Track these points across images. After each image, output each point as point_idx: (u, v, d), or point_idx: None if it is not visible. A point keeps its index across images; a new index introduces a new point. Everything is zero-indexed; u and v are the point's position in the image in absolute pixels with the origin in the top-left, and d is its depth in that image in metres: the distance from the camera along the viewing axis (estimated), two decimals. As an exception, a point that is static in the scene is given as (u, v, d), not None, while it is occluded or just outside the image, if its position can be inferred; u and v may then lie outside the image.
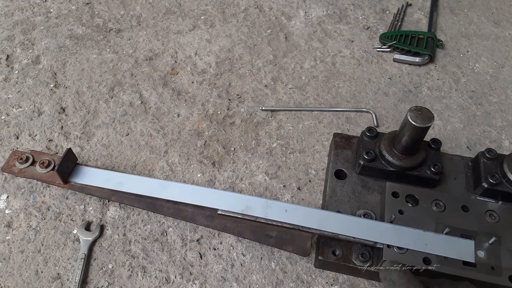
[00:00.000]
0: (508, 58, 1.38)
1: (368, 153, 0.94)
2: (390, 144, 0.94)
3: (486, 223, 0.85)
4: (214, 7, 1.52)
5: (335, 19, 1.49)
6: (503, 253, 0.81)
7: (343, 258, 0.86)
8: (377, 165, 0.94)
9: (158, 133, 1.15)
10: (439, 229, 0.84)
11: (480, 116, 1.21)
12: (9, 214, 0.99)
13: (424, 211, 0.87)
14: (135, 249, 0.95)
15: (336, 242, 0.87)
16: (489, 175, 0.90)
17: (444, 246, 0.81)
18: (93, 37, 1.40)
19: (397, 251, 0.81)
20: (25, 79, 1.27)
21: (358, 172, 0.97)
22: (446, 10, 1.54)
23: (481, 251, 0.82)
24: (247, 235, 0.88)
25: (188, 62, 1.34)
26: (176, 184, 0.94)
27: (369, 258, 0.85)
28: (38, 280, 0.90)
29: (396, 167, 0.93)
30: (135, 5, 1.52)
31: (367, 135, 0.97)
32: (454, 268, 0.79)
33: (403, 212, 0.87)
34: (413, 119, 0.83)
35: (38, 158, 0.99)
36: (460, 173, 0.98)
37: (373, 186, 0.96)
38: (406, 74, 1.32)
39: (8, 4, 1.50)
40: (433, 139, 0.97)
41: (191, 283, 0.90)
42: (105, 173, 0.97)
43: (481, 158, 0.94)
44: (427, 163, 0.93)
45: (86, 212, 1.00)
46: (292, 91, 1.26)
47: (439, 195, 0.89)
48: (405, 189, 0.90)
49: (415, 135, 0.86)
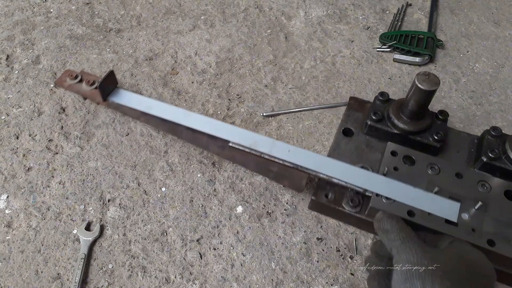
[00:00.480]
0: (508, 58, 1.38)
1: (375, 114, 0.99)
2: (398, 109, 0.98)
3: (476, 191, 0.88)
4: (214, 7, 1.52)
5: (335, 19, 1.49)
6: (486, 219, 0.84)
7: (334, 202, 0.91)
8: (383, 126, 0.98)
9: (158, 133, 1.15)
10: (429, 189, 0.88)
11: (480, 116, 1.21)
12: (9, 214, 0.99)
13: (418, 172, 0.91)
14: (135, 249, 0.95)
15: (331, 187, 0.93)
16: (489, 150, 0.93)
17: (430, 203, 0.86)
18: (93, 37, 1.40)
19: (384, 201, 0.86)
20: (25, 79, 1.27)
21: (365, 133, 1.02)
22: (446, 10, 1.54)
23: (466, 214, 0.85)
24: (251, 166, 0.97)
25: (188, 62, 1.34)
26: (197, 115, 1.04)
27: (358, 204, 0.90)
28: (38, 280, 0.90)
29: (400, 130, 0.97)
30: (135, 5, 1.52)
31: (379, 99, 1.02)
32: (436, 224, 0.84)
33: (398, 169, 0.91)
34: (420, 82, 0.88)
35: (85, 77, 1.14)
36: (464, 148, 1.01)
37: (377, 147, 1.00)
38: (406, 74, 1.32)
39: (8, 4, 1.50)
40: (440, 110, 1.00)
41: (191, 283, 0.90)
42: (139, 97, 1.10)
43: (486, 135, 0.97)
44: (431, 131, 0.97)
45: (86, 212, 1.00)
46: (292, 91, 1.26)
47: (436, 161, 0.93)
48: (405, 150, 0.94)
49: (421, 98, 0.90)
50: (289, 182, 0.95)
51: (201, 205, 1.02)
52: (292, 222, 0.99)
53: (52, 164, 1.08)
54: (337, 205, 0.91)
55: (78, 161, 1.09)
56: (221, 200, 1.03)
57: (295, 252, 0.95)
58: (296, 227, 0.99)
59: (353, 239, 0.97)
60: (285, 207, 1.02)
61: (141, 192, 1.04)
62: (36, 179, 1.05)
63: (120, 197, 1.03)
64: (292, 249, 0.95)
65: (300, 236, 0.97)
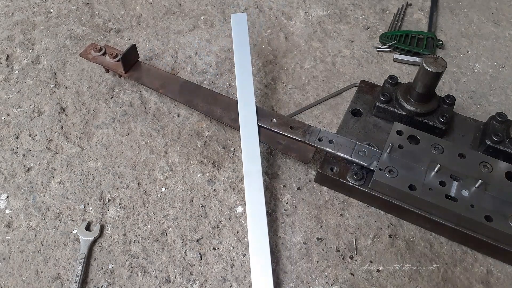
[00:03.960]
0: (508, 58, 1.38)
1: (384, 95, 1.02)
2: (406, 91, 1.02)
3: (478, 170, 0.92)
4: (214, 7, 1.52)
5: (335, 19, 1.49)
6: (486, 197, 0.88)
7: (339, 175, 0.96)
8: (391, 108, 1.03)
9: (158, 133, 1.15)
10: (432, 167, 0.91)
11: (480, 116, 1.21)
12: (9, 214, 0.99)
13: (422, 150, 0.95)
14: (135, 249, 0.95)
15: (336, 162, 0.98)
16: (493, 134, 0.96)
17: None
18: (93, 37, 1.40)
19: (387, 175, 0.90)
20: (25, 79, 1.27)
21: (373, 114, 1.06)
22: (446, 10, 1.54)
23: (465, 191, 0.89)
24: (262, 139, 1.04)
25: (188, 62, 1.34)
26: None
27: (361, 178, 0.94)
28: (38, 280, 0.90)
29: (407, 111, 1.00)
30: (135, 5, 1.52)
31: (388, 82, 1.06)
32: (436, 198, 0.87)
33: (402, 147, 0.95)
34: (427, 64, 0.91)
35: (109, 51, 1.21)
36: (469, 133, 1.04)
37: (384, 127, 1.05)
38: (406, 74, 1.32)
39: (8, 4, 1.50)
40: (447, 95, 1.03)
41: (191, 283, 0.90)
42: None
43: (491, 120, 1.00)
44: (437, 114, 1.00)
45: (86, 212, 1.00)
46: (292, 91, 1.26)
47: (440, 141, 0.96)
48: (410, 130, 0.98)
49: (428, 80, 0.93)
50: (297, 154, 1.01)
51: (201, 205, 1.02)
52: (292, 222, 0.99)
53: (52, 164, 1.08)
54: (342, 178, 0.95)
55: (78, 161, 1.09)
56: (221, 200, 1.03)
57: (295, 252, 0.95)
58: (296, 227, 0.99)
59: (353, 239, 0.97)
60: (285, 207, 1.02)
61: (141, 192, 1.04)
62: (36, 179, 1.05)
63: (120, 197, 1.03)
64: (292, 249, 0.95)
65: (300, 236, 0.97)
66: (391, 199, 0.93)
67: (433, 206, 0.88)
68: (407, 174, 0.91)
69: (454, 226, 0.89)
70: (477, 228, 0.87)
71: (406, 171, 0.91)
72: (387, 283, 0.91)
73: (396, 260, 0.94)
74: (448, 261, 0.93)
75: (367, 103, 1.10)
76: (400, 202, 0.93)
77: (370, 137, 1.03)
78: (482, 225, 0.85)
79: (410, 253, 0.95)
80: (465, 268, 0.92)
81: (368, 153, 0.96)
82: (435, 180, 0.90)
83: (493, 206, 0.86)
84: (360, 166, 0.96)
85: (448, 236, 0.95)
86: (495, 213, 0.85)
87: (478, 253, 0.94)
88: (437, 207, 0.88)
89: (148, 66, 1.21)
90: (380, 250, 0.95)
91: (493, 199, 0.87)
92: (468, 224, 0.88)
